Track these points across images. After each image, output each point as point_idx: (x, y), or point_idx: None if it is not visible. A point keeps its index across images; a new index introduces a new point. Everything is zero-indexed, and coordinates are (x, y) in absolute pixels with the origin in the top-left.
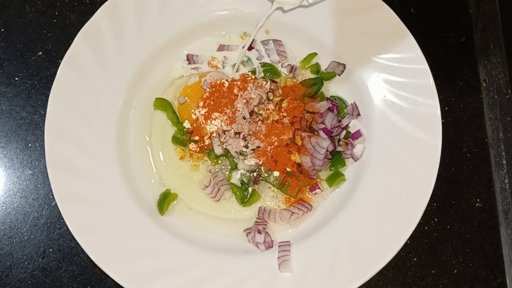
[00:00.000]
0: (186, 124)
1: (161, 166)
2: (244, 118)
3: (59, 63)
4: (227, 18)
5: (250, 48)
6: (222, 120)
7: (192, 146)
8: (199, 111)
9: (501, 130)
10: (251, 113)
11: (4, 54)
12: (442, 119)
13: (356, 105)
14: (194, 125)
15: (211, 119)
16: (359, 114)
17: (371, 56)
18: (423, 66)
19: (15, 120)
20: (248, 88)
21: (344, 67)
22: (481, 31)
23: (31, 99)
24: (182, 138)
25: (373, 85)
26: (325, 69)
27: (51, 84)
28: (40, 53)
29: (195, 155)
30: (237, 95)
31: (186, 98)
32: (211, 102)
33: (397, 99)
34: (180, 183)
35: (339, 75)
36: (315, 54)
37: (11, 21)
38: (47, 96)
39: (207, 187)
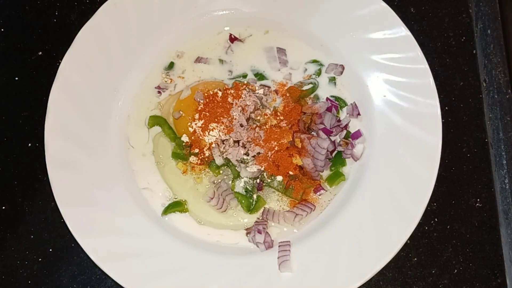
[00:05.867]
0: (185, 138)
1: (164, 174)
2: (241, 125)
3: (59, 63)
4: (227, 18)
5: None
6: (220, 130)
7: (193, 159)
8: (195, 124)
9: (501, 130)
10: (248, 119)
11: (4, 54)
12: (442, 119)
13: (356, 105)
14: (192, 137)
15: (208, 130)
16: (359, 114)
17: (371, 56)
18: (423, 66)
19: (15, 120)
20: (242, 96)
21: (343, 68)
22: (481, 31)
23: (31, 99)
24: (182, 153)
25: (373, 85)
26: (325, 71)
27: (51, 84)
28: (40, 53)
29: (197, 168)
30: (232, 104)
31: (181, 112)
32: (207, 113)
33: (397, 99)
34: (189, 195)
35: (339, 75)
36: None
37: (11, 21)
38: (47, 96)
39: (212, 199)
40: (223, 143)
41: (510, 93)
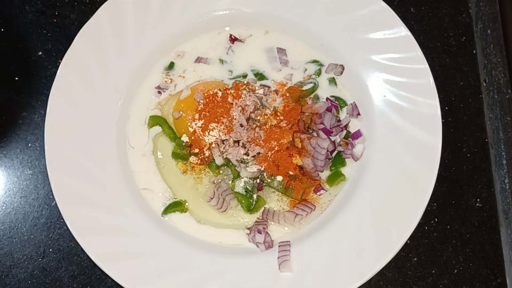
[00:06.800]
0: (185, 138)
1: (164, 174)
2: (241, 125)
3: (59, 63)
4: (227, 18)
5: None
6: (219, 130)
7: (193, 159)
8: (195, 124)
9: (501, 130)
10: (248, 119)
11: (4, 54)
12: (442, 119)
13: (356, 105)
14: (192, 137)
15: (208, 130)
16: (359, 114)
17: (371, 56)
18: (423, 66)
19: (15, 120)
20: (242, 96)
21: (343, 68)
22: (481, 31)
23: (31, 99)
24: (182, 153)
25: (373, 85)
26: (325, 71)
27: (51, 84)
28: (40, 53)
29: (197, 168)
30: (232, 104)
31: (181, 112)
32: (207, 113)
33: (397, 99)
34: (189, 195)
35: (339, 75)
36: None
37: (11, 21)
38: (47, 96)
39: (212, 198)
40: (223, 143)
41: (510, 93)
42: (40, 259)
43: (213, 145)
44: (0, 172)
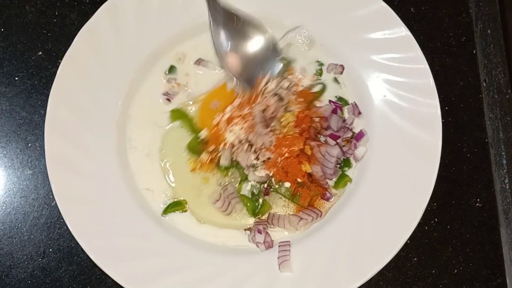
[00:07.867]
0: (202, 134)
1: (167, 172)
2: (262, 127)
3: (59, 63)
4: None
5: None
6: (242, 127)
7: (204, 156)
8: (223, 115)
9: (501, 130)
10: (269, 122)
11: (4, 54)
12: (442, 119)
13: (356, 104)
14: (212, 131)
15: (232, 125)
16: (360, 113)
17: (371, 56)
18: (423, 66)
19: (15, 120)
20: (263, 99)
21: (343, 68)
22: (481, 31)
23: (31, 99)
24: (198, 146)
25: (373, 85)
26: (325, 71)
27: (51, 84)
28: (40, 53)
29: (206, 167)
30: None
31: (218, 102)
32: (236, 108)
33: (397, 99)
34: (190, 195)
35: (338, 75)
36: None
37: (11, 21)
38: (47, 96)
39: (217, 201)
40: (240, 143)
41: (510, 93)
42: (40, 259)
43: (227, 146)
44: (0, 172)
